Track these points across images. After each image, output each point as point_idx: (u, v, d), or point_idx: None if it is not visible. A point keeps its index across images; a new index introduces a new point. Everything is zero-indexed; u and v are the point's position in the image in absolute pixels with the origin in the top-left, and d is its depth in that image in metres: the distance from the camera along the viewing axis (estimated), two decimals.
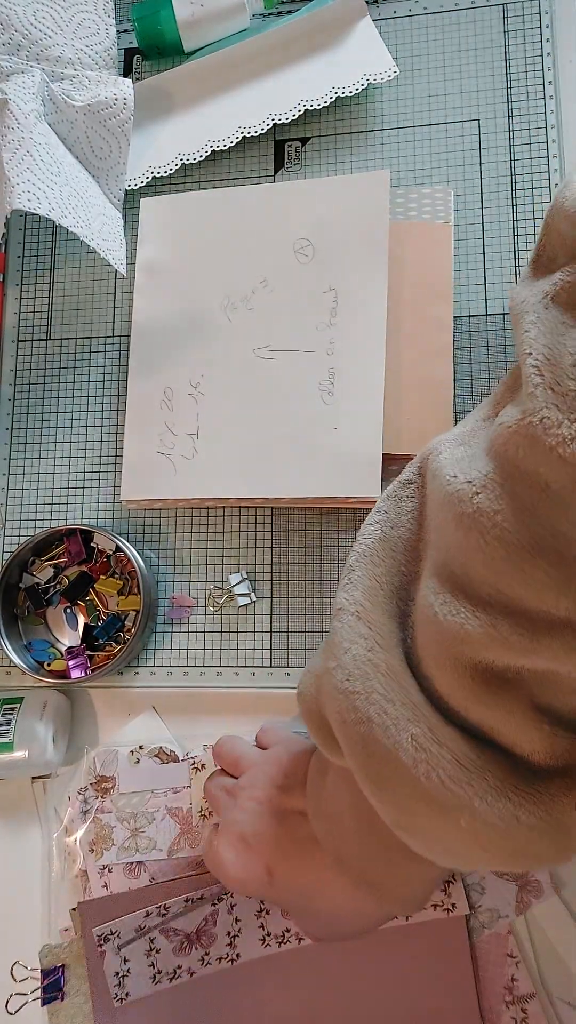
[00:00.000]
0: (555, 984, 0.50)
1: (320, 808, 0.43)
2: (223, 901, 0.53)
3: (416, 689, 0.36)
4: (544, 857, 0.34)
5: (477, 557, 0.33)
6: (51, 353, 0.64)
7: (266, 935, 0.52)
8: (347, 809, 0.41)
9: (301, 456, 0.57)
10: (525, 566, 0.31)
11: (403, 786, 0.34)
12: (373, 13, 0.63)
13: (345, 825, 0.41)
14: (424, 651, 0.36)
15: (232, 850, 0.45)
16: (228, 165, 0.65)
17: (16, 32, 0.59)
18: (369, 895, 0.42)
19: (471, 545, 0.33)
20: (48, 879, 0.56)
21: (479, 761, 0.34)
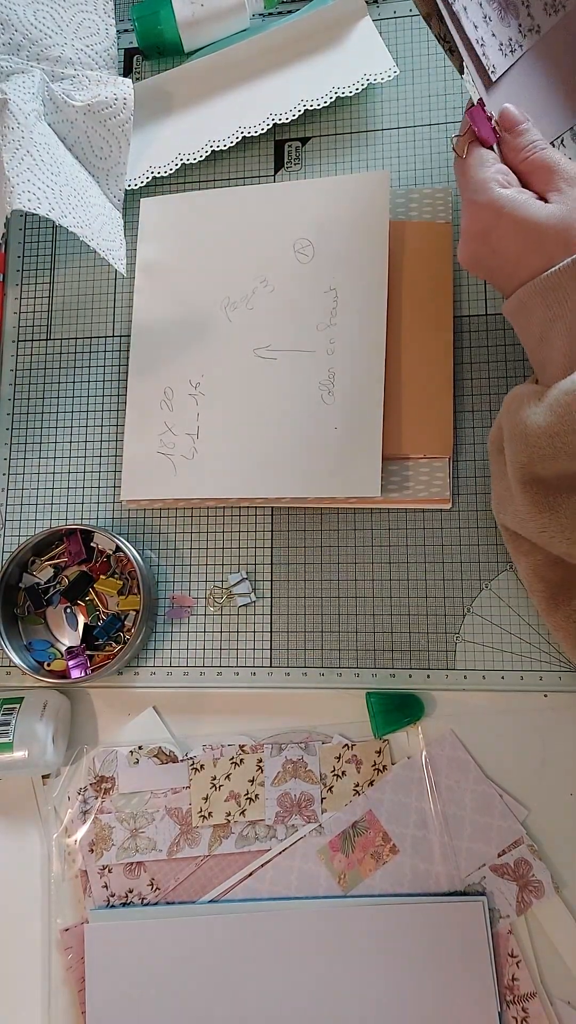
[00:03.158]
0: (555, 984, 0.50)
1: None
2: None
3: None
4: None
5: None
6: (51, 353, 0.64)
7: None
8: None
9: (301, 456, 0.57)
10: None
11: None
12: (373, 13, 0.63)
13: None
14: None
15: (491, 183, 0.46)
16: (228, 165, 0.65)
17: (16, 32, 0.59)
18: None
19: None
20: (48, 879, 0.56)
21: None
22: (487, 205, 0.45)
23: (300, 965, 0.52)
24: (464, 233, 0.48)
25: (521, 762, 0.54)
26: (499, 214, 0.45)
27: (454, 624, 0.55)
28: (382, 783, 0.54)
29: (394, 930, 0.51)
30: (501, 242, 0.46)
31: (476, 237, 0.47)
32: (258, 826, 0.55)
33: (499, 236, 0.45)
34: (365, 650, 0.56)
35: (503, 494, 0.50)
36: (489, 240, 0.46)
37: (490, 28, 0.47)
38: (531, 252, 0.45)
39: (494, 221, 0.45)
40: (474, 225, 0.46)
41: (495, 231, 0.45)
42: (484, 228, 0.46)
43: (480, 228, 0.46)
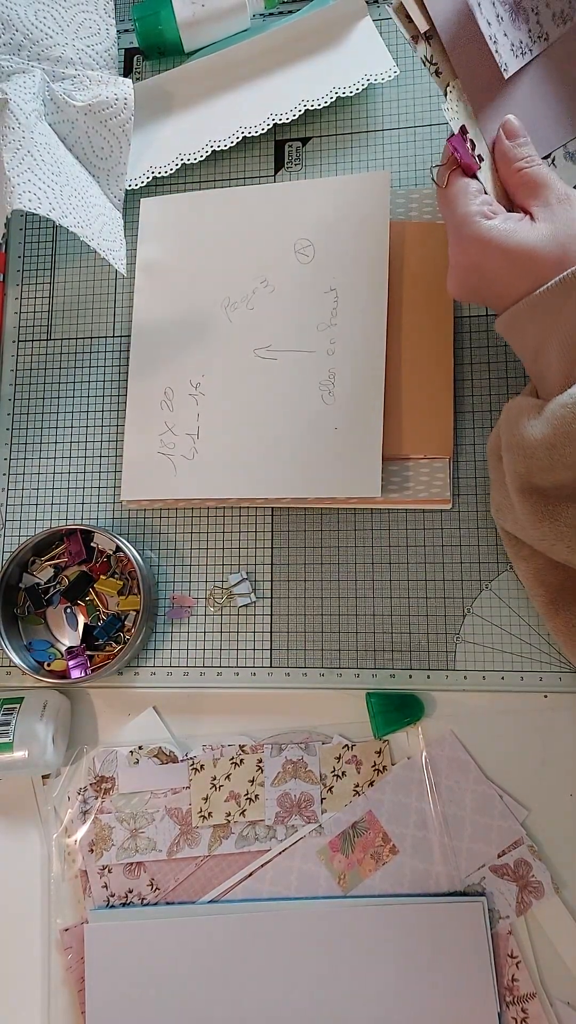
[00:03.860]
0: (555, 985, 0.50)
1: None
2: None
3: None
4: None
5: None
6: (51, 353, 0.64)
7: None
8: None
9: (301, 456, 0.57)
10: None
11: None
12: (373, 13, 0.63)
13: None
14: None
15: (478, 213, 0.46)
16: (228, 165, 0.65)
17: (17, 32, 0.59)
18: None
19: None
20: (48, 879, 0.56)
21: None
22: (475, 239, 0.45)
23: (300, 965, 0.52)
24: (454, 266, 0.48)
25: (521, 763, 0.54)
26: (487, 246, 0.45)
27: (454, 624, 0.55)
28: (382, 783, 0.54)
29: (394, 930, 0.51)
30: (492, 271, 0.46)
31: (466, 269, 0.47)
32: (258, 826, 0.55)
33: (489, 266, 0.46)
34: (365, 650, 0.56)
35: (502, 501, 0.50)
36: (479, 271, 0.46)
37: (502, 28, 0.46)
38: (523, 275, 0.45)
39: (483, 253, 0.45)
40: (464, 259, 0.47)
41: (485, 263, 0.46)
42: (474, 261, 0.46)
43: (470, 261, 0.46)
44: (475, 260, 0.46)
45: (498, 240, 0.44)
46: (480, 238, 0.45)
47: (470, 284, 0.48)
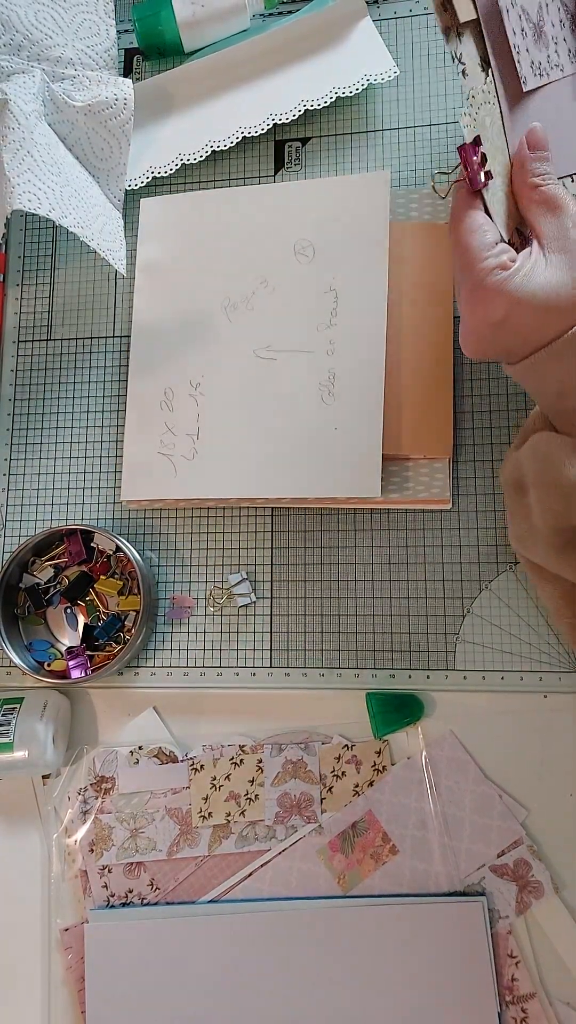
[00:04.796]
0: (555, 984, 0.50)
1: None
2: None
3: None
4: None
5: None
6: (51, 353, 0.64)
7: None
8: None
9: (301, 456, 0.57)
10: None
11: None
12: (373, 13, 0.63)
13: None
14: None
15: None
16: (228, 165, 0.65)
17: (17, 33, 0.59)
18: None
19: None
20: (48, 879, 0.56)
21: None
22: (498, 296, 0.42)
23: (300, 965, 0.52)
24: (473, 330, 0.44)
25: (521, 763, 0.54)
26: (512, 302, 0.42)
27: (454, 624, 0.55)
28: (382, 783, 0.54)
29: (394, 930, 0.52)
30: (517, 324, 0.43)
31: (490, 328, 0.44)
32: (258, 826, 0.55)
33: (514, 321, 0.43)
34: (365, 650, 0.56)
35: (525, 533, 0.49)
36: (502, 327, 0.43)
37: (526, 43, 0.45)
38: (548, 320, 0.42)
39: (508, 309, 0.42)
40: (486, 319, 0.43)
41: (510, 319, 0.42)
42: (498, 319, 0.43)
43: (494, 320, 0.43)
44: (500, 318, 0.43)
45: (522, 292, 0.41)
46: (504, 295, 0.42)
47: (490, 341, 0.45)
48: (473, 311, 0.44)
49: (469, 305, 0.44)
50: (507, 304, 0.42)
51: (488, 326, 0.43)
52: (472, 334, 0.45)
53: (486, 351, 0.46)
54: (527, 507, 0.47)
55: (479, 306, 0.43)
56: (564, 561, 0.45)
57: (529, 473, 0.46)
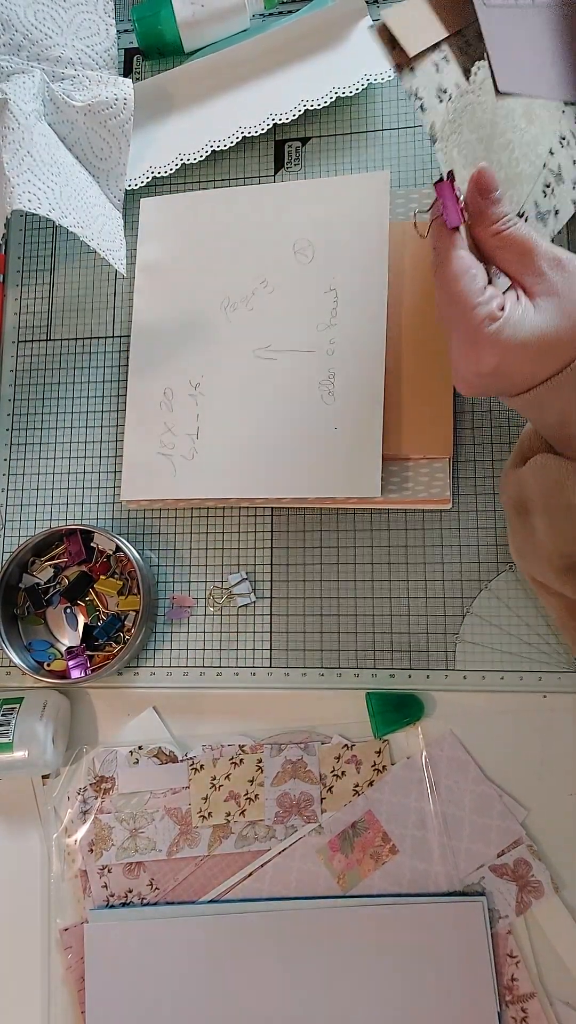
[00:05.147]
0: (554, 984, 0.50)
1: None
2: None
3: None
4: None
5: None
6: (51, 353, 0.64)
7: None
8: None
9: (301, 456, 0.57)
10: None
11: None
12: (373, 13, 0.63)
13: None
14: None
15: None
16: (228, 165, 0.65)
17: (17, 32, 0.59)
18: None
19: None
20: (48, 879, 0.56)
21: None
22: (491, 347, 0.41)
23: (300, 965, 0.52)
24: (467, 376, 0.44)
25: (520, 762, 0.54)
26: (506, 350, 0.41)
27: (454, 624, 0.55)
28: (381, 783, 0.54)
29: (393, 930, 0.52)
30: (511, 369, 0.42)
31: (481, 377, 0.43)
32: (258, 826, 0.55)
33: (508, 367, 0.42)
34: (365, 650, 0.56)
35: (527, 551, 0.48)
36: (497, 375, 0.42)
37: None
38: (543, 362, 0.41)
39: (502, 357, 0.41)
40: (479, 368, 0.42)
41: (504, 366, 0.42)
42: (490, 370, 0.42)
43: (487, 371, 0.42)
44: (491, 369, 0.42)
45: (514, 340, 0.41)
46: (497, 345, 0.41)
47: (483, 387, 0.44)
48: (465, 361, 0.43)
49: (460, 355, 0.43)
50: (499, 355, 0.41)
51: (479, 376, 0.43)
52: (463, 381, 0.44)
53: (480, 394, 0.45)
54: (530, 527, 0.47)
55: (470, 357, 0.42)
56: (566, 581, 0.45)
57: (535, 496, 0.45)
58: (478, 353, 0.41)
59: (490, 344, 0.41)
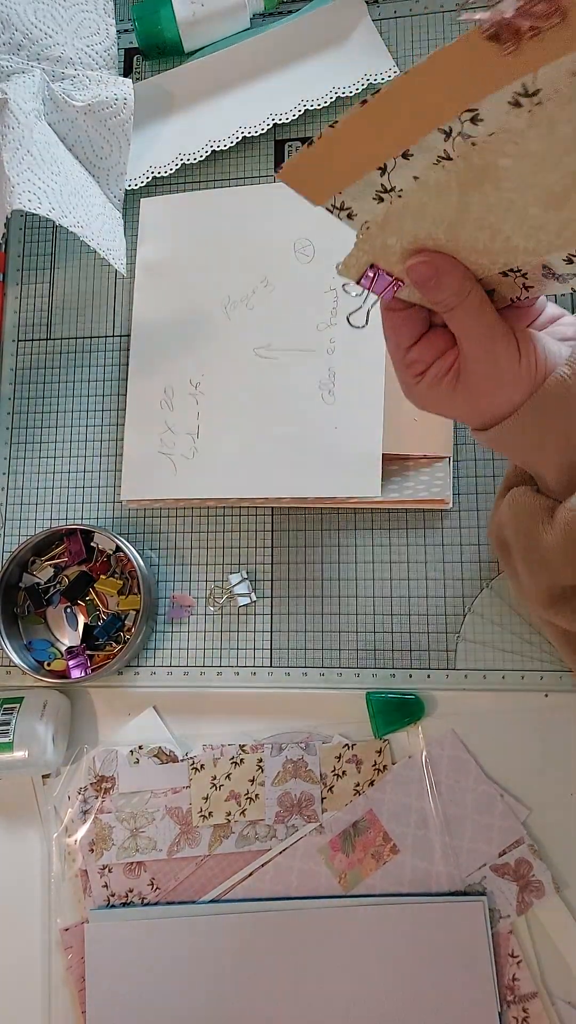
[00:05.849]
0: (556, 984, 0.50)
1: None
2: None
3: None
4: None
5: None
6: (51, 353, 0.64)
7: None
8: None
9: (301, 456, 0.57)
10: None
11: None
12: (373, 13, 0.63)
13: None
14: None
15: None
16: (228, 165, 0.65)
17: (17, 32, 0.59)
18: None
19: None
20: (48, 879, 0.56)
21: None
22: (416, 401, 0.42)
23: (300, 965, 0.52)
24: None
25: (522, 762, 0.54)
26: (429, 408, 0.42)
27: (454, 624, 0.55)
28: (382, 783, 0.54)
29: (394, 930, 0.51)
30: (448, 415, 0.43)
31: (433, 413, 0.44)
32: (258, 826, 0.55)
33: (444, 415, 0.43)
34: (365, 650, 0.56)
35: (513, 584, 0.49)
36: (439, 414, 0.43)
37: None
38: (474, 422, 0.42)
39: (428, 410, 0.43)
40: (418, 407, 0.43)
41: (440, 413, 0.43)
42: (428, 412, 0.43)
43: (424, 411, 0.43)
44: (425, 411, 0.43)
45: (431, 406, 0.42)
46: (418, 402, 0.42)
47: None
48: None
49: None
50: (425, 408, 0.42)
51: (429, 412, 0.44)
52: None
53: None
54: (512, 568, 0.47)
55: (409, 399, 0.43)
56: (555, 615, 0.45)
57: (510, 536, 0.46)
58: (410, 399, 0.43)
59: (412, 399, 0.43)
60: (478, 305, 0.38)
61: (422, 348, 0.41)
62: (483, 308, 0.38)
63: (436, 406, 0.42)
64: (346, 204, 0.37)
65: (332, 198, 0.36)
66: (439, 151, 0.32)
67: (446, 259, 0.37)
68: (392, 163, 0.33)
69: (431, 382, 0.40)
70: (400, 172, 0.34)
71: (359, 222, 0.38)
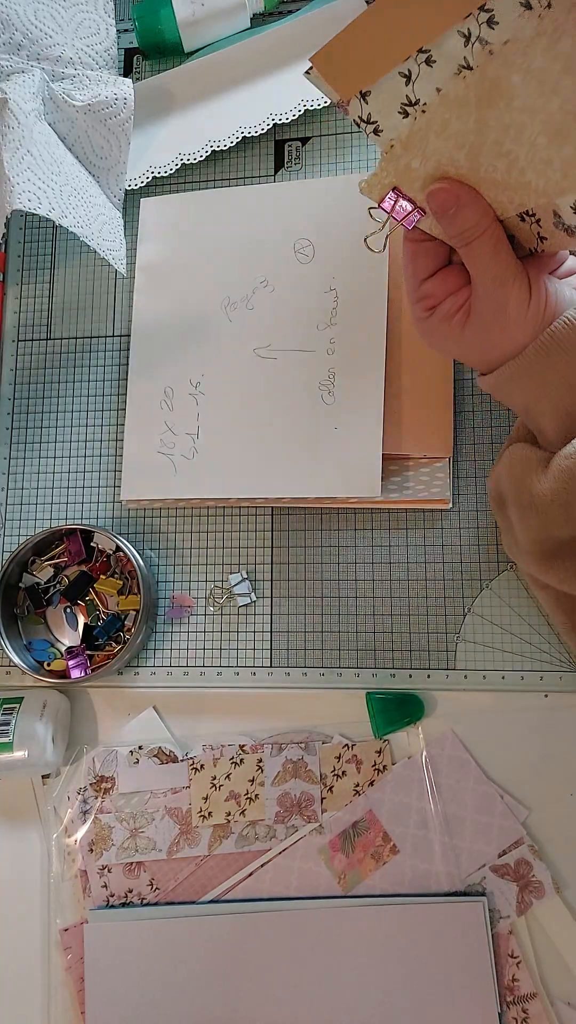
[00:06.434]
0: (556, 984, 0.50)
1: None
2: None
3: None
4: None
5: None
6: (51, 353, 0.64)
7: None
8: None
9: (301, 456, 0.57)
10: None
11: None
12: None
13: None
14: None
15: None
16: (228, 165, 0.65)
17: (16, 32, 0.59)
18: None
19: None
20: (48, 879, 0.56)
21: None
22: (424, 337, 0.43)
23: (300, 965, 0.52)
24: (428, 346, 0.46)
25: (522, 762, 0.54)
26: (436, 345, 0.43)
27: (454, 624, 0.55)
28: (382, 783, 0.54)
29: (394, 930, 0.51)
30: (450, 355, 0.44)
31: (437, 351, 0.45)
32: (258, 826, 0.55)
33: (446, 352, 0.44)
34: (365, 650, 0.56)
35: (509, 541, 0.49)
36: (442, 352, 0.45)
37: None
38: (480, 362, 0.42)
39: (432, 346, 0.44)
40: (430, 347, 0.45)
41: (440, 351, 0.44)
42: (431, 348, 0.44)
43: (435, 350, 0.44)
44: (430, 348, 0.45)
45: (441, 342, 0.42)
46: (427, 337, 0.43)
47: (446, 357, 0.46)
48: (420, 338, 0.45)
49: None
50: (431, 344, 0.43)
51: (434, 350, 0.45)
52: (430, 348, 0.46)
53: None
54: (508, 520, 0.47)
55: (418, 334, 0.44)
56: (547, 571, 0.45)
57: (507, 489, 0.46)
58: (419, 333, 0.44)
59: (421, 333, 0.44)
60: (495, 242, 0.39)
61: (436, 282, 0.41)
62: (499, 246, 0.39)
63: (443, 342, 0.43)
64: (372, 116, 0.37)
65: (360, 105, 0.37)
66: (459, 59, 0.34)
67: (467, 189, 0.38)
68: (416, 70, 0.35)
69: (442, 317, 0.41)
70: (424, 83, 0.35)
71: (385, 139, 0.38)
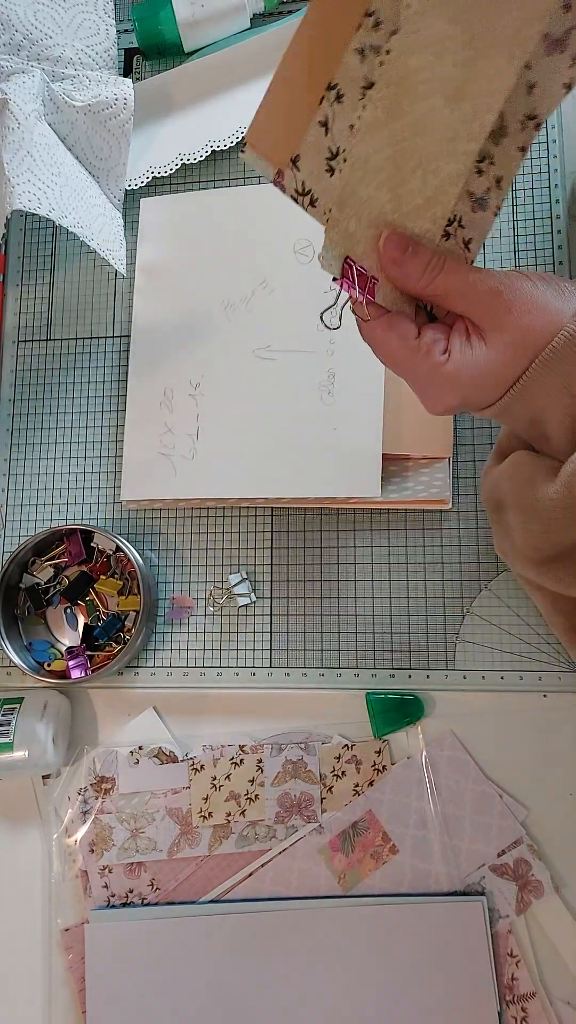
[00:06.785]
0: (555, 984, 0.50)
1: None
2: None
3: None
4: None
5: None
6: (51, 353, 0.64)
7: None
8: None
9: (301, 456, 0.57)
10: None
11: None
12: None
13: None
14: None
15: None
16: (228, 165, 0.65)
17: (17, 32, 0.59)
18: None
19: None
20: (48, 879, 0.56)
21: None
22: (452, 389, 0.41)
23: (300, 965, 0.52)
24: (435, 411, 0.44)
25: (521, 762, 0.54)
26: (466, 387, 0.41)
27: (454, 624, 0.56)
28: (382, 783, 0.54)
29: (394, 930, 0.52)
30: (476, 397, 0.42)
31: (451, 408, 0.43)
32: (258, 826, 0.55)
33: (472, 397, 0.42)
34: (365, 650, 0.56)
35: (505, 545, 0.49)
36: (464, 404, 0.43)
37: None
38: (505, 378, 0.41)
39: (463, 390, 0.42)
40: (446, 406, 0.43)
41: (468, 398, 0.42)
42: (458, 403, 0.43)
43: (452, 406, 0.43)
44: (458, 402, 0.42)
45: (472, 378, 0.41)
46: (457, 384, 0.41)
47: (453, 411, 0.44)
48: (431, 402, 0.43)
49: (423, 397, 0.43)
50: (460, 393, 0.41)
51: (447, 410, 0.43)
52: (431, 412, 0.45)
53: (450, 414, 0.46)
54: (506, 524, 0.47)
55: (434, 399, 0.43)
56: (544, 574, 0.45)
57: (508, 493, 0.46)
58: (440, 395, 0.42)
59: (450, 386, 0.41)
60: (456, 263, 0.40)
61: (431, 328, 0.41)
62: (460, 265, 0.40)
63: (475, 375, 0.41)
64: (307, 185, 0.38)
65: (293, 175, 0.37)
66: (361, 80, 0.34)
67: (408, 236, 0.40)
68: (331, 112, 0.35)
69: (464, 347, 0.40)
70: (340, 123, 0.36)
71: (321, 209, 0.38)
